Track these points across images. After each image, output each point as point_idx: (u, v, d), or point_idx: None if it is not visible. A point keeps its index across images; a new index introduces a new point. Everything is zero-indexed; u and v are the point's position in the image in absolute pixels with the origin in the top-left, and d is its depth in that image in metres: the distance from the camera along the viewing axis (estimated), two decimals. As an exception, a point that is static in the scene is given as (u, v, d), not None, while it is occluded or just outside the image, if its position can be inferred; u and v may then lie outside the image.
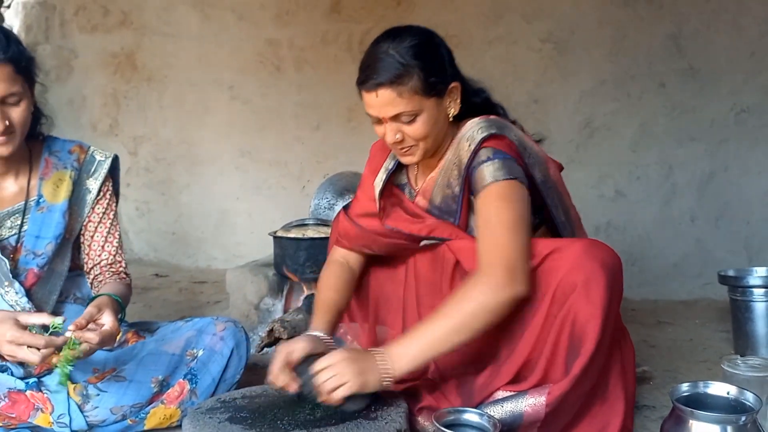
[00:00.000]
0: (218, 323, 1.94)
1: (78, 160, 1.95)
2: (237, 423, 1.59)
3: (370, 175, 2.07)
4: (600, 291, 1.58)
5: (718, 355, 2.57)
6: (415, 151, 1.80)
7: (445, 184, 1.87)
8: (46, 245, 1.86)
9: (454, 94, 1.79)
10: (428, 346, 1.60)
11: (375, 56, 1.73)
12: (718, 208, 3.37)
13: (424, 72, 1.70)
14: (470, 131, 1.80)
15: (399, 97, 1.69)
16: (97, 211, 1.98)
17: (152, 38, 4.14)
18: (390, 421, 1.61)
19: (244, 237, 4.10)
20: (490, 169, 1.73)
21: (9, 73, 1.66)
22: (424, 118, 1.74)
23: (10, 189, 1.86)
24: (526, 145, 1.81)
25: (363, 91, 1.76)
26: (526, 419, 1.61)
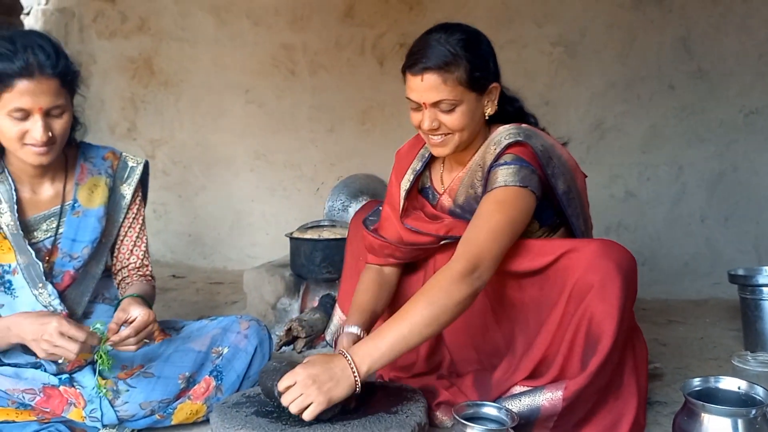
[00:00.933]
0: (242, 322, 2.01)
1: (112, 166, 2.02)
2: (263, 416, 1.66)
3: (394, 180, 2.13)
4: (615, 291, 1.64)
5: (728, 353, 2.61)
6: (448, 141, 1.86)
7: (469, 184, 1.94)
8: (82, 249, 1.92)
9: (493, 94, 1.86)
10: (398, 342, 1.62)
11: (426, 43, 1.80)
12: (728, 208, 3.40)
13: (471, 65, 1.78)
14: (499, 136, 1.87)
15: (443, 83, 1.76)
16: (128, 216, 2.05)
17: (169, 43, 4.21)
18: (410, 415, 1.68)
19: (259, 238, 4.16)
20: (504, 172, 1.80)
21: (56, 87, 1.71)
22: (462, 110, 1.80)
23: (47, 193, 1.92)
24: (552, 155, 1.86)
25: (408, 74, 1.82)
26: (543, 413, 1.66)
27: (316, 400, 1.56)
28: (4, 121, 1.71)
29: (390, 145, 3.87)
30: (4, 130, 1.72)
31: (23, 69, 1.66)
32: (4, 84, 1.66)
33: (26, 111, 1.69)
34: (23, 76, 1.66)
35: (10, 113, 1.69)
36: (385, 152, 3.90)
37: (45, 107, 1.70)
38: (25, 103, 1.67)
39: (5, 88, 1.67)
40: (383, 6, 3.81)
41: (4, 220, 1.84)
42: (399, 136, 3.85)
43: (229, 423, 1.63)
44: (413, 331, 1.62)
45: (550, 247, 1.79)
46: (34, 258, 1.85)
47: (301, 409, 1.56)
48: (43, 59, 1.68)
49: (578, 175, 1.95)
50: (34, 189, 1.91)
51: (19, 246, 1.84)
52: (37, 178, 1.90)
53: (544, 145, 1.85)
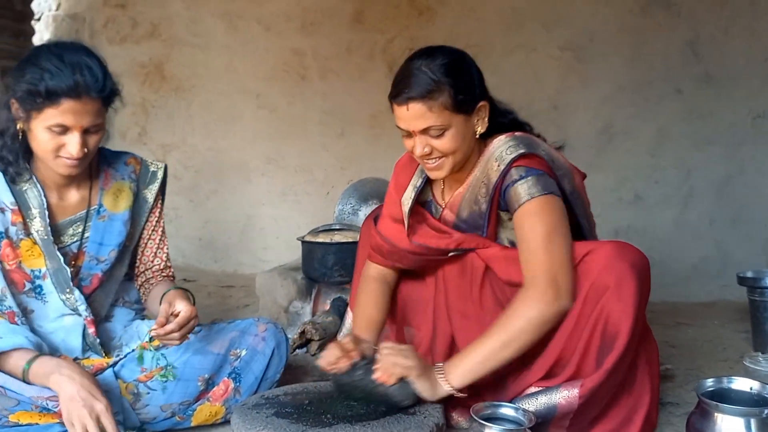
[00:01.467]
0: (259, 324, 2.03)
1: (135, 171, 2.06)
2: (283, 417, 1.69)
3: (393, 192, 2.16)
4: (631, 290, 1.67)
5: (739, 354, 2.65)
6: (443, 164, 1.89)
7: (472, 200, 1.96)
8: (109, 252, 1.96)
9: (482, 112, 1.88)
10: (480, 363, 1.72)
11: (408, 72, 1.82)
12: (736, 211, 3.43)
13: (454, 89, 1.79)
14: (498, 150, 1.88)
15: (429, 111, 1.79)
16: (150, 220, 2.09)
17: (181, 49, 4.25)
18: (428, 415, 1.71)
19: (270, 242, 4.20)
20: (524, 187, 1.81)
21: (98, 107, 1.75)
22: (452, 133, 1.83)
23: (73, 198, 1.96)
24: (554, 158, 1.89)
25: (395, 105, 1.85)
26: (560, 411, 1.69)
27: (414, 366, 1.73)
28: (42, 132, 1.74)
29: (400, 149, 3.88)
30: (41, 141, 1.75)
31: (71, 89, 1.69)
32: (50, 100, 1.69)
33: (66, 127, 1.72)
34: (70, 96, 1.69)
35: (50, 127, 1.72)
36: (394, 156, 3.90)
37: (85, 126, 1.73)
38: (67, 121, 1.71)
39: (51, 104, 1.69)
40: (393, 11, 3.84)
41: (35, 226, 1.87)
42: (409, 140, 3.91)
43: (251, 424, 1.66)
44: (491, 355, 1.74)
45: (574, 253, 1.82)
46: (62, 263, 1.88)
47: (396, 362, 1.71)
48: (91, 82, 1.71)
49: (576, 175, 1.98)
50: (60, 195, 1.94)
51: (48, 251, 1.87)
52: (64, 184, 1.93)
53: (545, 150, 1.89)
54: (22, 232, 1.85)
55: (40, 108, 1.70)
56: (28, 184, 1.89)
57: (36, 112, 1.72)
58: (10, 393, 1.67)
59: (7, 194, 1.85)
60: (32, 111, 1.72)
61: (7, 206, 1.85)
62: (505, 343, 1.71)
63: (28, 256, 1.86)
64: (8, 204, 1.85)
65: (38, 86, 1.68)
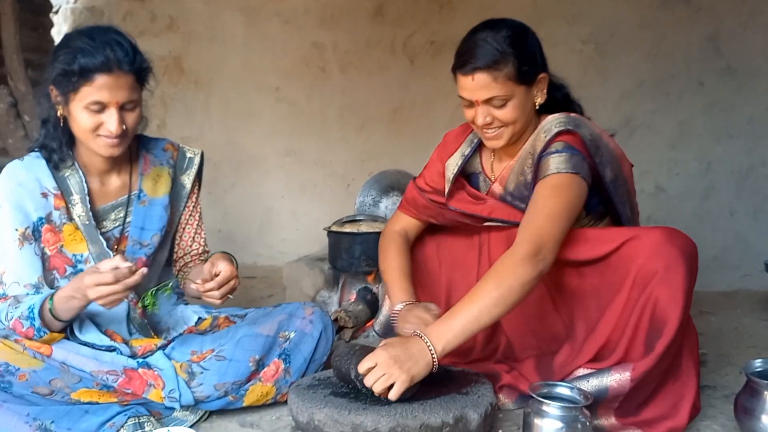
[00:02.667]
0: (306, 308, 2.07)
1: (173, 157, 2.10)
2: (341, 397, 1.71)
3: (437, 160, 2.20)
4: (680, 275, 1.70)
5: (765, 342, 2.69)
6: (502, 134, 1.93)
7: (519, 171, 1.99)
8: (152, 236, 2.00)
9: (541, 84, 1.92)
10: (470, 322, 1.67)
11: (473, 43, 1.86)
12: (757, 202, 3.48)
13: (518, 60, 1.83)
14: (549, 124, 1.92)
15: (494, 81, 1.83)
16: (188, 206, 2.14)
17: (199, 43, 4.26)
18: (482, 395, 1.73)
19: (289, 234, 4.22)
20: (556, 160, 1.85)
21: (132, 82, 1.80)
22: (514, 104, 1.87)
23: (114, 184, 2.00)
24: (600, 143, 1.92)
25: (459, 75, 1.89)
26: (611, 393, 1.72)
27: (399, 378, 1.61)
28: (81, 113, 1.78)
29: (420, 143, 3.95)
30: (80, 121, 1.79)
31: (103, 64, 1.73)
32: (85, 78, 1.74)
33: (103, 104, 1.76)
34: (103, 71, 1.74)
35: (88, 106, 1.76)
36: (415, 150, 3.98)
37: (121, 101, 1.77)
38: (103, 97, 1.75)
39: (86, 82, 1.74)
40: (413, 6, 3.87)
41: (76, 211, 1.91)
42: (429, 134, 3.92)
43: (311, 403, 1.68)
44: (483, 312, 1.67)
45: (611, 236, 1.85)
46: (104, 247, 1.92)
47: (385, 388, 1.62)
48: (121, 55, 1.76)
49: (624, 163, 2.01)
50: (102, 180, 1.98)
51: (91, 236, 1.91)
52: (105, 169, 1.97)
53: (592, 134, 1.92)
54: (65, 216, 1.89)
55: (76, 87, 1.74)
56: (70, 170, 1.93)
57: (73, 93, 1.76)
58: (72, 369, 1.71)
59: (50, 180, 1.90)
60: (69, 93, 1.77)
61: (50, 191, 1.89)
62: (496, 301, 1.67)
63: (70, 241, 1.90)
64: (51, 189, 1.89)
65: (72, 65, 1.73)
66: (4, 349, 1.65)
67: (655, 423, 1.77)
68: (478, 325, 1.68)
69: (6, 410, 1.63)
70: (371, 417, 1.58)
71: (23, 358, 1.66)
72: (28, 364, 1.66)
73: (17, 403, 1.65)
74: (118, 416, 1.74)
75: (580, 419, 1.56)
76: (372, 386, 1.63)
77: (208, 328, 2.10)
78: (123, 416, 1.74)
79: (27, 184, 1.88)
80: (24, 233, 1.85)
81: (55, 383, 1.69)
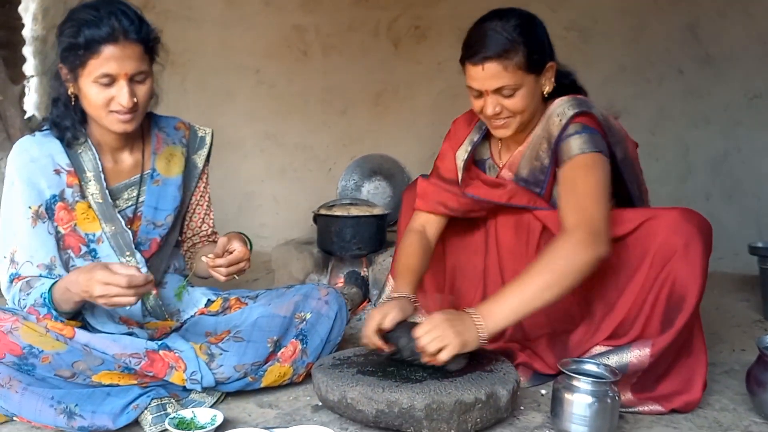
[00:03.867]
0: (321, 289, 2.07)
1: (185, 136, 2.07)
2: (369, 375, 1.72)
3: (449, 150, 2.19)
4: (698, 252, 1.75)
5: (748, 320, 2.80)
6: (510, 123, 1.94)
7: (533, 156, 2.01)
8: (166, 216, 1.97)
9: (549, 73, 1.94)
10: (520, 304, 1.69)
11: (483, 32, 1.87)
12: (731, 187, 3.59)
13: (528, 49, 1.84)
14: (561, 107, 1.94)
15: (504, 70, 1.84)
16: (199, 186, 2.11)
17: (175, 22, 4.14)
18: (507, 373, 1.76)
19: (269, 219, 4.18)
20: (578, 141, 1.88)
21: (139, 52, 1.74)
22: (523, 93, 1.88)
23: (127, 162, 1.96)
24: (610, 124, 1.97)
25: (468, 65, 1.89)
26: (630, 369, 1.77)
27: (452, 342, 1.64)
28: (90, 88, 1.73)
29: (403, 127, 3.97)
30: (91, 96, 1.74)
31: (109, 35, 1.69)
32: (91, 50, 1.69)
33: (112, 77, 1.71)
34: (109, 42, 1.68)
35: (97, 79, 1.71)
36: (398, 134, 3.99)
37: (130, 72, 1.72)
38: (111, 69, 1.70)
39: (92, 55, 1.69)
40: (397, -11, 3.86)
41: (90, 189, 1.87)
42: (412, 119, 3.95)
43: (341, 381, 1.68)
44: (535, 296, 1.69)
45: (629, 216, 1.89)
46: (123, 226, 1.89)
47: (437, 350, 1.65)
48: (127, 24, 1.71)
49: (629, 143, 2.07)
50: (115, 158, 1.94)
51: (106, 214, 1.88)
52: (118, 147, 1.93)
53: (603, 115, 1.96)
54: (78, 194, 1.85)
55: (84, 61, 1.70)
56: (83, 147, 1.88)
57: (81, 69, 1.72)
58: (95, 352, 1.67)
59: (63, 156, 1.85)
60: (77, 68, 1.72)
61: (63, 168, 1.85)
62: (549, 284, 1.69)
63: (83, 219, 1.86)
64: (64, 166, 1.85)
65: (77, 38, 1.69)
66: (27, 331, 1.59)
67: (671, 397, 1.83)
68: (529, 308, 1.70)
69: (30, 393, 1.60)
70: (406, 394, 1.59)
71: (46, 340, 1.61)
72: (51, 346, 1.61)
73: (40, 386, 1.62)
74: (141, 398, 1.73)
75: (610, 394, 1.60)
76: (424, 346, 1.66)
77: (219, 309, 2.08)
78: (146, 397, 1.73)
79: (40, 160, 1.83)
80: (37, 211, 1.80)
81: (78, 366, 1.65)
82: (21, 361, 1.59)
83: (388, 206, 3.59)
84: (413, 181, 2.52)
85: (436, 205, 2.15)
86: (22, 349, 1.59)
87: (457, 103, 3.86)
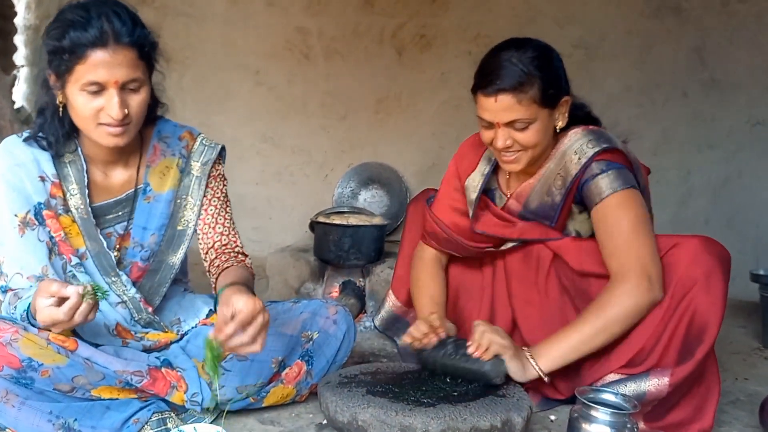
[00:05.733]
0: (329, 306, 1.98)
1: (187, 147, 1.90)
2: (380, 396, 1.67)
3: (454, 177, 2.15)
4: (719, 284, 1.73)
5: (747, 348, 2.79)
6: (520, 158, 1.89)
7: (544, 191, 1.96)
8: (149, 236, 1.82)
9: (564, 107, 1.90)
10: (572, 348, 1.77)
11: (498, 63, 1.82)
12: (731, 212, 3.58)
13: (544, 83, 1.81)
14: (577, 143, 1.90)
15: (518, 104, 1.79)
16: (207, 196, 1.93)
17: (175, 18, 4.07)
18: (520, 398, 1.72)
19: (262, 222, 4.11)
20: (606, 181, 1.84)
21: (132, 58, 1.58)
22: (536, 127, 1.84)
23: (119, 177, 1.82)
24: (629, 154, 1.94)
25: (481, 95, 1.85)
26: (648, 398, 1.74)
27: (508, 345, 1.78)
28: (77, 97, 1.59)
29: (404, 136, 3.92)
30: (78, 107, 1.60)
31: (97, 38, 1.53)
32: (76, 55, 1.54)
33: (101, 85, 1.56)
34: (97, 46, 1.53)
35: (84, 87, 1.56)
36: (398, 143, 3.94)
37: (121, 80, 1.56)
38: (99, 76, 1.55)
39: (78, 60, 1.55)
40: (404, -4, 3.82)
41: (74, 203, 1.74)
42: (413, 127, 3.91)
43: (351, 402, 1.63)
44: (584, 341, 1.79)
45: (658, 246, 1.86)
46: (104, 247, 1.76)
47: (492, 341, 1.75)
48: (118, 26, 1.55)
49: (645, 171, 2.05)
50: (106, 172, 1.81)
51: (89, 232, 1.75)
52: (111, 161, 1.79)
53: (623, 145, 1.93)
54: (62, 207, 1.72)
55: (69, 67, 1.56)
56: (73, 157, 1.75)
57: (68, 75, 1.57)
58: (97, 367, 1.59)
59: (49, 165, 1.72)
60: (64, 75, 1.58)
61: (48, 177, 1.72)
62: (599, 330, 1.75)
63: (68, 232, 1.73)
64: (49, 175, 1.72)
65: (62, 41, 1.55)
66: (27, 343, 1.50)
67: (682, 426, 1.80)
68: (579, 352, 1.78)
69: (28, 408, 1.52)
70: (420, 419, 1.54)
71: (47, 353, 1.52)
72: (52, 359, 1.52)
73: (38, 400, 1.54)
74: (142, 411, 1.66)
75: (628, 425, 1.56)
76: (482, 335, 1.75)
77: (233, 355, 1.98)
78: (147, 411, 1.66)
79: (27, 164, 1.70)
80: (24, 219, 1.67)
81: (78, 380, 1.56)
82: (19, 375, 1.51)
83: (385, 216, 3.55)
84: (419, 193, 2.47)
85: (447, 251, 2.17)
86: (21, 362, 1.50)
87: (460, 114, 3.87)
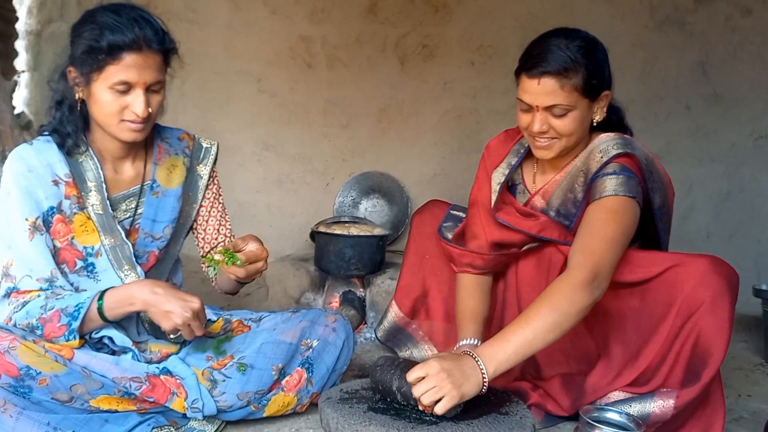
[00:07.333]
0: (328, 315, 2.01)
1: (188, 147, 2.00)
2: (382, 413, 1.65)
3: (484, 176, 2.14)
4: (726, 307, 1.71)
5: (749, 363, 2.77)
6: (553, 145, 1.89)
7: (568, 188, 1.97)
8: (164, 228, 1.90)
9: (603, 101, 1.90)
10: (522, 346, 1.64)
11: (546, 47, 1.83)
12: (733, 226, 3.57)
13: (588, 72, 1.81)
14: (604, 144, 1.90)
15: (560, 89, 1.80)
16: (208, 197, 2.04)
17: (177, 24, 4.03)
18: (523, 416, 1.71)
19: (263, 230, 4.05)
20: (612, 182, 1.83)
21: (159, 62, 1.72)
22: (574, 115, 1.84)
23: (128, 172, 1.89)
24: (653, 169, 1.91)
25: (525, 77, 1.85)
26: (652, 419, 1.72)
27: (450, 393, 1.57)
28: (104, 93, 1.68)
29: (406, 145, 3.91)
30: (104, 104, 1.69)
31: (133, 42, 1.65)
32: (112, 56, 1.64)
33: (130, 84, 1.67)
34: (133, 49, 1.65)
35: (113, 86, 1.66)
36: (400, 152, 3.93)
37: (149, 82, 1.69)
38: (130, 77, 1.65)
39: (112, 61, 1.64)
40: (408, 6, 3.80)
41: (90, 200, 1.79)
42: (415, 137, 3.90)
43: (353, 419, 1.61)
44: (537, 336, 1.65)
45: (654, 260, 1.85)
46: (123, 237, 1.82)
47: (433, 402, 1.57)
48: (150, 34, 1.68)
49: (670, 190, 2.02)
50: (116, 168, 1.88)
51: (106, 226, 1.80)
52: (121, 156, 1.87)
53: (647, 159, 1.91)
54: (76, 206, 1.77)
55: (102, 66, 1.65)
56: (84, 156, 1.81)
57: (97, 73, 1.66)
58: (94, 375, 1.59)
59: (62, 166, 1.77)
60: (93, 72, 1.67)
61: (62, 179, 1.77)
62: (553, 325, 1.65)
63: (81, 232, 1.78)
64: (62, 176, 1.77)
65: (100, 42, 1.63)
66: (25, 351, 1.50)
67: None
68: (531, 349, 1.65)
69: (26, 419, 1.50)
70: (423, 438, 1.52)
71: (45, 361, 1.52)
72: (50, 368, 1.52)
73: (36, 411, 1.52)
74: (140, 426, 1.64)
75: (633, 446, 1.55)
76: (420, 397, 1.58)
77: (221, 332, 1.99)
78: (146, 426, 1.65)
79: (38, 169, 1.74)
80: (35, 223, 1.71)
81: (76, 389, 1.56)
82: (17, 383, 1.49)
83: (386, 226, 3.54)
84: (425, 204, 2.46)
85: (465, 267, 2.12)
86: (19, 371, 1.50)
87: (462, 124, 3.86)
